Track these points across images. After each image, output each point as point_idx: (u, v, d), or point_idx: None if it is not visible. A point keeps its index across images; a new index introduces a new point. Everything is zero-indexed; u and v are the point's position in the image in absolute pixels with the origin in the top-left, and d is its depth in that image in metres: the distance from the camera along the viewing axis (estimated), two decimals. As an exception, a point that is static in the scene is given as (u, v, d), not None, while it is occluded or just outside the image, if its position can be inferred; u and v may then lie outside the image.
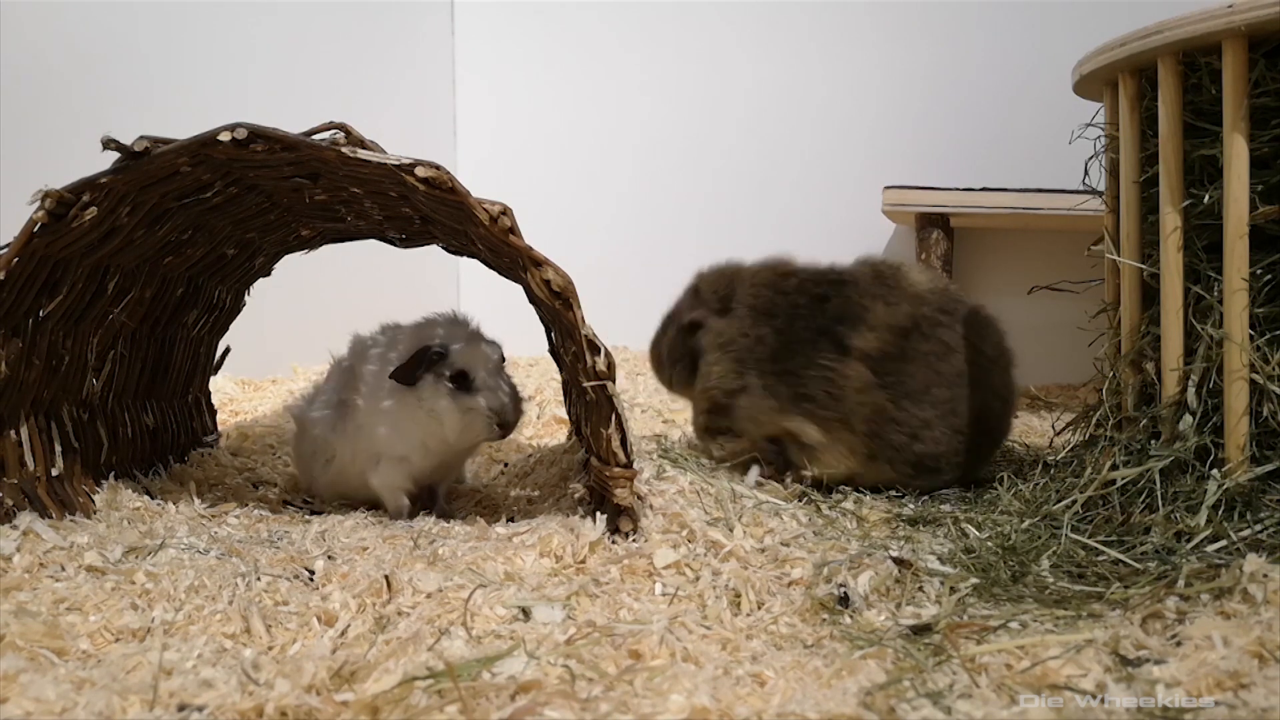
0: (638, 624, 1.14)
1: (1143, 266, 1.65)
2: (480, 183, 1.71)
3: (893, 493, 1.89)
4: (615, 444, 1.46)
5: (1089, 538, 1.42)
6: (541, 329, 2.01)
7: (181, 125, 1.60)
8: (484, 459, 2.30)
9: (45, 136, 2.44)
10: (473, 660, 1.02)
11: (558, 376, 2.44)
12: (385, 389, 1.74)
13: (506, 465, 2.23)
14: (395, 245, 2.12)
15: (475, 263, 2.03)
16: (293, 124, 1.50)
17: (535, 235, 1.52)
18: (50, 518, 1.54)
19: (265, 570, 1.36)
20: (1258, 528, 1.34)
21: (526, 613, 1.21)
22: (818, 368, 1.91)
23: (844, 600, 1.25)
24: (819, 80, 3.72)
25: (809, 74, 3.73)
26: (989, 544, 1.47)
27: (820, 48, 3.72)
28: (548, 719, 0.87)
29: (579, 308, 1.46)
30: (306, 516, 1.77)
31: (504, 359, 1.80)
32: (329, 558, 1.45)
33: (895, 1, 3.64)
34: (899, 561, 1.36)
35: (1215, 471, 1.44)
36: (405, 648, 1.08)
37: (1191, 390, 1.52)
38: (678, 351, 2.17)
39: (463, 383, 1.70)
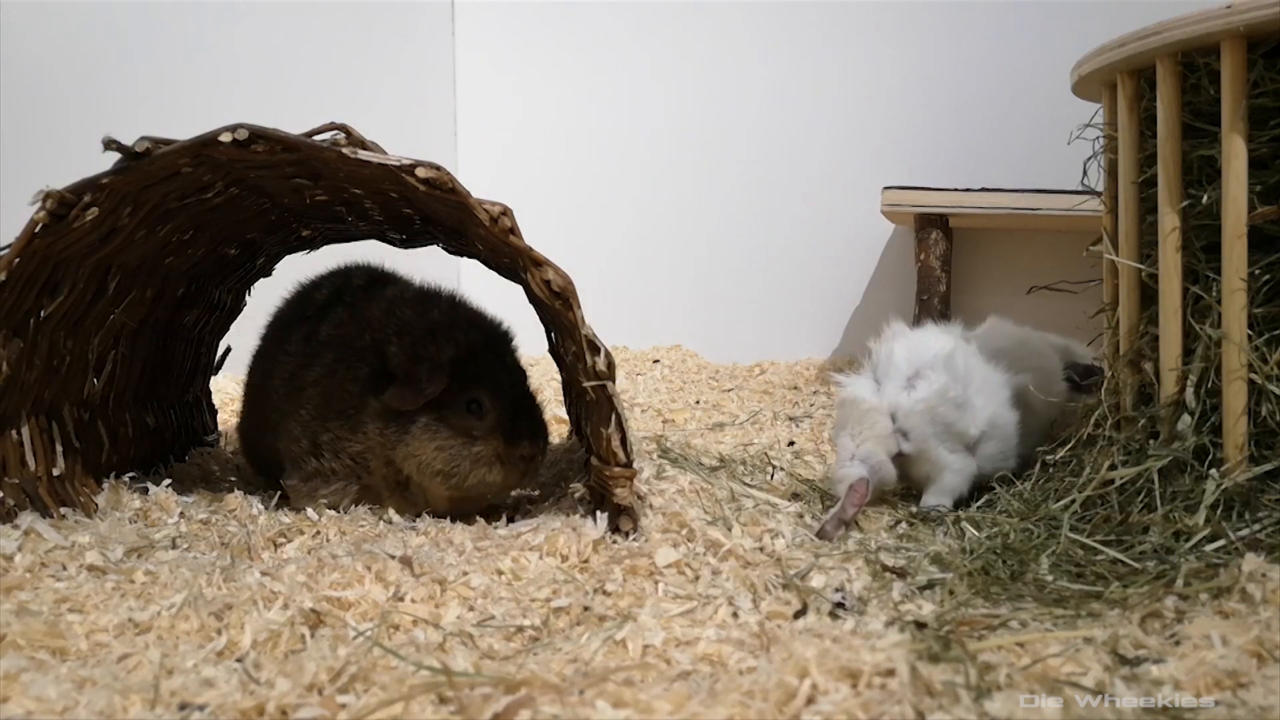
0: (637, 622, 1.15)
1: (1141, 267, 1.65)
2: (480, 183, 1.71)
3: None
4: (615, 444, 1.47)
5: (1088, 537, 1.42)
6: (541, 329, 2.01)
7: (182, 125, 1.60)
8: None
9: (45, 136, 2.45)
10: (472, 661, 1.02)
11: (558, 376, 2.43)
12: None
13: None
14: (396, 246, 2.12)
15: (475, 263, 2.03)
16: (293, 124, 1.51)
17: (535, 236, 1.52)
18: (51, 517, 1.55)
19: (261, 568, 1.36)
20: (1256, 527, 1.34)
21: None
22: None
23: (840, 605, 1.25)
24: (817, 80, 3.72)
25: (808, 74, 3.73)
26: (988, 543, 1.48)
27: (819, 48, 3.72)
28: (543, 714, 0.87)
29: (579, 308, 1.47)
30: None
31: None
32: (333, 556, 1.45)
33: (894, 1, 3.64)
34: (890, 569, 1.36)
35: (1214, 471, 1.44)
36: (408, 648, 1.08)
37: (1190, 390, 1.52)
38: None
39: None
